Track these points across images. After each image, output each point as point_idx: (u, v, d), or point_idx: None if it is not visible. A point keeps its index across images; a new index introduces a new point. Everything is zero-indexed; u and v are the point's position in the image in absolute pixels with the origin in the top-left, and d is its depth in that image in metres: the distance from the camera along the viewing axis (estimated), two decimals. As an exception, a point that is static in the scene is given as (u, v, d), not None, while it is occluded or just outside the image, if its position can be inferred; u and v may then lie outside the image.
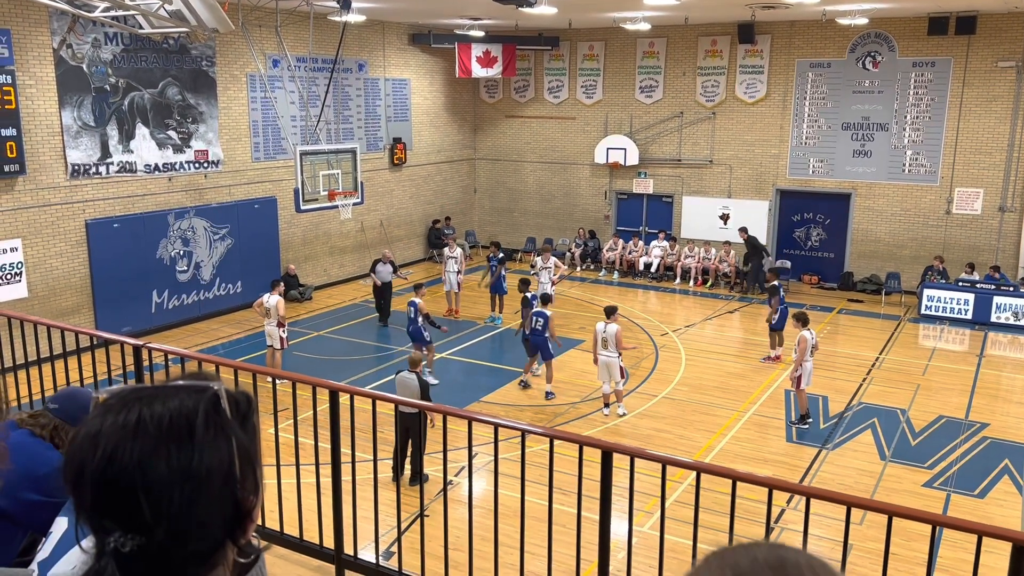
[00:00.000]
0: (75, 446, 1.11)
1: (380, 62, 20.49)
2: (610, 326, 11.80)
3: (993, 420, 12.00)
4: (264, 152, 17.78)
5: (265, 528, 5.50)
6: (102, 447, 1.08)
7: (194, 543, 1.12)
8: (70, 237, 14.30)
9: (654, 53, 21.36)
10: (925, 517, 3.87)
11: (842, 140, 19.63)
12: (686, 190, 21.58)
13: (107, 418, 1.11)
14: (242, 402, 1.21)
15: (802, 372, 11.59)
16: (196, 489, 1.09)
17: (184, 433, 1.10)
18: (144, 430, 1.09)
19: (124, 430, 1.09)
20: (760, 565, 0.87)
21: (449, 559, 5.11)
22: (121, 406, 1.12)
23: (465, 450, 4.87)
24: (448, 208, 23.41)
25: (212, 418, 1.13)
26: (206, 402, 1.14)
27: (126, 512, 1.07)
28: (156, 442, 1.09)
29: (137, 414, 1.11)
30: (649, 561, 6.78)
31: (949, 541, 7.97)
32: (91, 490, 1.08)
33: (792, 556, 0.88)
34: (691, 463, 5.04)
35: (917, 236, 19.26)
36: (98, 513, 1.09)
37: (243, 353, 14.00)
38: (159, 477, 1.07)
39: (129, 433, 1.09)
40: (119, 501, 1.07)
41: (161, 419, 1.10)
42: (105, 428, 1.10)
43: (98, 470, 1.08)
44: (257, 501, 1.20)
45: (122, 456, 1.08)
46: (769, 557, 0.87)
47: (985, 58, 18.00)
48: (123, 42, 14.70)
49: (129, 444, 1.08)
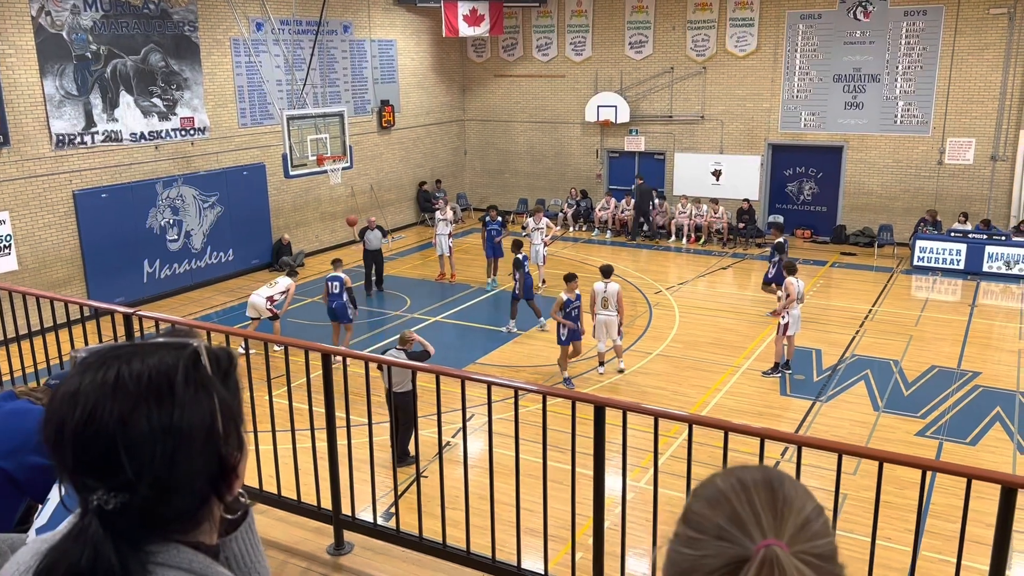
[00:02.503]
0: (54, 405, 1.09)
1: (365, 23, 20.19)
2: (611, 285, 11.87)
3: (985, 369, 12.10)
4: (251, 118, 17.59)
5: (263, 491, 5.54)
6: (81, 405, 1.07)
7: (178, 500, 1.11)
8: (58, 208, 14.19)
9: (643, 8, 21.09)
10: (915, 462, 3.90)
11: (834, 92, 19.49)
12: (678, 147, 21.46)
13: (86, 376, 1.10)
14: (223, 358, 1.20)
15: (789, 319, 11.71)
16: (178, 445, 1.08)
17: (164, 389, 1.09)
18: (124, 387, 1.08)
19: (103, 387, 1.08)
20: (751, 469, 1.04)
21: (446, 518, 5.16)
22: (100, 364, 1.11)
23: (459, 412, 4.89)
24: (439, 171, 23.26)
25: (192, 374, 1.12)
26: (186, 359, 1.13)
27: (108, 469, 1.06)
28: (136, 399, 1.07)
29: (116, 371, 1.09)
30: (644, 515, 6.86)
31: (941, 488, 8.08)
32: (72, 448, 1.07)
33: (776, 472, 1.06)
34: (684, 416, 5.07)
35: (909, 187, 19.23)
36: (80, 471, 1.08)
37: (236, 321, 13.99)
38: (140, 434, 1.06)
39: (108, 390, 1.08)
40: (100, 458, 1.06)
41: (140, 376, 1.09)
42: (84, 386, 1.09)
43: (78, 428, 1.07)
44: (242, 457, 1.19)
45: (102, 414, 1.06)
46: (761, 470, 1.05)
47: (977, 5, 17.81)
48: (103, 8, 14.44)
49: (109, 402, 1.07)
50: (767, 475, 1.04)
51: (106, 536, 1.07)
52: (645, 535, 4.72)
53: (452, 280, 17.02)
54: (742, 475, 1.04)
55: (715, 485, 1.04)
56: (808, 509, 1.00)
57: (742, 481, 1.02)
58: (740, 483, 1.02)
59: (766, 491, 1.00)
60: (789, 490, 1.02)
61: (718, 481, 1.04)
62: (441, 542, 5.08)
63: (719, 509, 1.00)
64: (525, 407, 5.01)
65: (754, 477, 1.03)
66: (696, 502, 1.03)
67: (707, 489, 1.04)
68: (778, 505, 0.99)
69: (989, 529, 3.62)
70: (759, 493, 1.00)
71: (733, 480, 1.03)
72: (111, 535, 1.07)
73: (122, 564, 1.07)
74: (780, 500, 1.00)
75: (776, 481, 1.03)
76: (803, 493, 1.03)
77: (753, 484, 1.01)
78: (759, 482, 1.02)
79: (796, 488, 1.03)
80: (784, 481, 1.03)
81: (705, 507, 1.01)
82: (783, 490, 1.01)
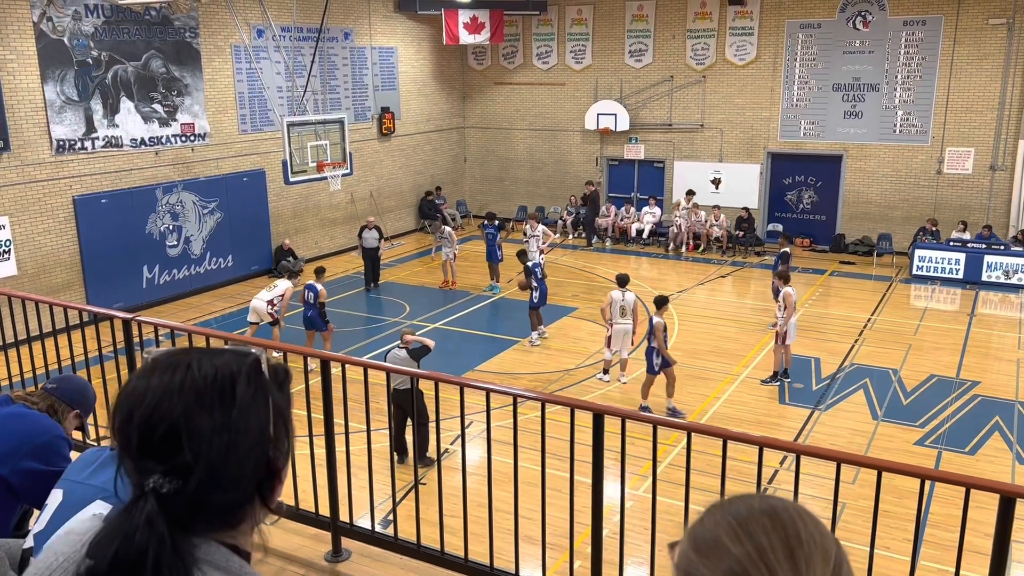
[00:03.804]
0: (125, 395, 1.20)
1: (366, 30, 20.24)
2: (628, 294, 11.90)
3: (984, 378, 12.10)
4: (251, 124, 17.61)
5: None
6: (151, 395, 1.18)
7: (227, 493, 1.20)
8: (58, 214, 14.19)
9: (643, 16, 21.15)
10: (914, 471, 3.89)
11: (833, 101, 19.53)
12: (677, 155, 21.49)
13: (155, 373, 1.21)
14: (280, 371, 1.30)
15: (788, 328, 11.72)
16: (234, 441, 1.18)
17: (228, 388, 1.20)
18: (191, 382, 1.19)
19: (172, 382, 1.19)
20: (756, 512, 0.99)
21: (444, 525, 5.15)
22: (168, 363, 1.22)
23: (458, 419, 4.89)
24: (438, 178, 23.29)
25: (253, 379, 1.23)
26: (248, 365, 1.24)
27: (168, 454, 1.16)
28: (201, 394, 1.19)
29: (185, 368, 1.21)
30: (643, 524, 6.84)
31: (940, 497, 8.07)
32: (139, 431, 1.17)
33: (781, 504, 1.02)
34: (683, 424, 5.07)
35: (908, 197, 19.25)
36: (143, 453, 1.17)
37: (236, 327, 13.98)
38: (201, 425, 1.17)
39: (176, 385, 1.19)
40: (163, 443, 1.16)
41: (207, 375, 1.20)
42: (154, 382, 1.20)
43: (146, 413, 1.17)
44: (286, 464, 1.29)
45: (169, 404, 1.17)
46: (763, 505, 1.00)
47: (976, 15, 17.87)
48: (104, 14, 14.48)
49: (176, 395, 1.18)
50: (773, 506, 1.00)
51: (160, 513, 1.15)
52: (644, 543, 4.70)
53: (453, 287, 17.03)
54: (751, 504, 1.01)
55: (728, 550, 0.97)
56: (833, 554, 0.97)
57: (750, 509, 1.00)
58: (758, 551, 0.96)
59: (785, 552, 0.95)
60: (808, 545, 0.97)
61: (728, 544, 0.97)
62: (439, 549, 5.06)
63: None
64: (524, 414, 5.00)
65: (761, 507, 0.99)
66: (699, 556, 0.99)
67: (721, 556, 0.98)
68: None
69: (988, 539, 3.61)
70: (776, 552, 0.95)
71: (744, 509, 1.00)
72: (164, 514, 1.16)
73: (172, 540, 1.15)
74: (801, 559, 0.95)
75: (783, 513, 0.99)
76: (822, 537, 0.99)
77: (771, 549, 0.96)
78: (767, 511, 0.99)
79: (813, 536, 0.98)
80: (791, 514, 1.00)
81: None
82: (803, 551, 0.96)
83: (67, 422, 3.42)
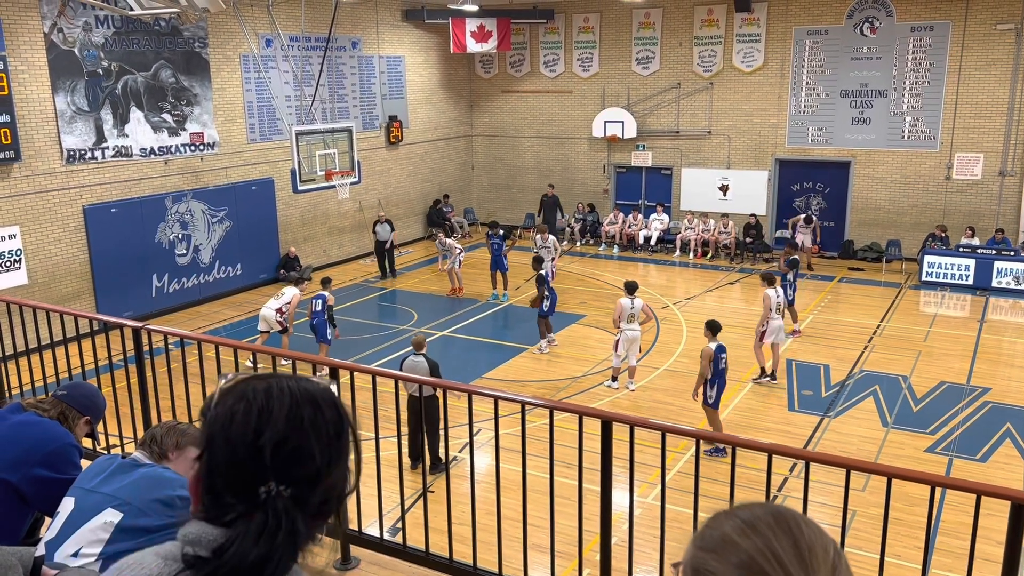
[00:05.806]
0: (242, 420, 1.25)
1: (374, 39, 20.33)
2: (636, 301, 11.90)
3: (994, 385, 12.02)
4: (260, 133, 17.69)
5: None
6: (275, 416, 1.25)
7: (330, 504, 1.30)
8: (68, 223, 14.28)
9: (650, 24, 21.18)
10: (924, 478, 3.87)
11: (841, 108, 19.50)
12: (685, 162, 21.48)
13: (259, 394, 1.27)
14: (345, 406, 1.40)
15: (767, 328, 11.77)
16: (338, 456, 1.29)
17: (333, 406, 1.31)
18: (307, 399, 1.28)
19: (291, 401, 1.27)
20: (760, 513, 1.04)
21: (453, 533, 5.14)
22: (263, 385, 1.29)
23: (467, 426, 4.89)
24: (446, 186, 23.34)
25: (341, 405, 1.34)
26: (333, 393, 1.34)
27: (293, 465, 1.25)
28: (316, 409, 1.28)
29: (289, 390, 1.28)
30: (652, 531, 6.82)
31: (950, 505, 8.02)
32: (271, 448, 1.23)
33: (785, 509, 1.06)
34: (691, 431, 5.05)
35: (917, 203, 19.19)
36: (275, 462, 1.24)
37: (245, 335, 14.02)
38: (320, 440, 1.26)
39: (296, 401, 1.27)
40: (292, 456, 1.25)
41: (312, 393, 1.29)
42: (271, 403, 1.26)
43: (277, 432, 1.24)
44: (351, 489, 1.36)
45: (298, 420, 1.26)
46: (766, 508, 1.05)
47: (984, 21, 17.83)
48: (114, 25, 14.58)
49: (297, 409, 1.26)
50: (778, 510, 1.05)
51: (291, 512, 1.23)
52: (653, 551, 4.69)
53: (461, 294, 17.03)
54: (755, 509, 1.05)
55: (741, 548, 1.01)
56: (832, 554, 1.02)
57: (755, 512, 1.03)
58: (766, 544, 1.00)
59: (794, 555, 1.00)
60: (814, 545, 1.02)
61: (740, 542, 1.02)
62: (448, 557, 5.06)
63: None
64: (532, 422, 5.00)
65: (766, 510, 1.04)
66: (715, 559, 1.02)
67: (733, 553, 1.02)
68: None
69: (999, 546, 3.59)
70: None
71: (748, 513, 1.04)
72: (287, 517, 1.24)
73: (292, 538, 1.23)
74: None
75: (789, 516, 1.04)
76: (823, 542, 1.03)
77: (778, 542, 1.00)
78: (772, 514, 1.03)
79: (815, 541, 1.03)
80: (796, 518, 1.04)
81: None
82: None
83: (77, 429, 3.43)
